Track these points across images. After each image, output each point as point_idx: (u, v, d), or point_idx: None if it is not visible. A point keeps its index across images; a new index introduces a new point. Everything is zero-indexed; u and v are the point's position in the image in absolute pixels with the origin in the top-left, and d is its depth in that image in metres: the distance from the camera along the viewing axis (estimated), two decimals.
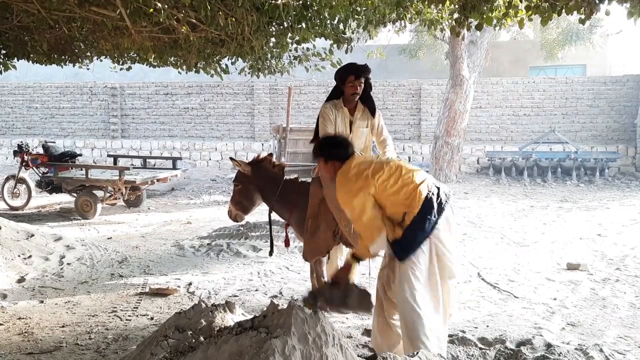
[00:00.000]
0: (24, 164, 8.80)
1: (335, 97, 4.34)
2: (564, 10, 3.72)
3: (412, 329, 3.00)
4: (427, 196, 3.12)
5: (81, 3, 4.50)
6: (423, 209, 3.08)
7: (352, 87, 4.17)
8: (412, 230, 3.08)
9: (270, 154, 4.36)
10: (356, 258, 3.26)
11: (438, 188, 3.23)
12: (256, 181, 4.17)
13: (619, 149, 13.59)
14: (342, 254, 4.51)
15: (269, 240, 4.45)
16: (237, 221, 4.42)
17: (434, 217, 3.10)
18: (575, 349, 3.41)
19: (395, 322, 3.26)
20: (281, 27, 5.50)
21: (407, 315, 3.03)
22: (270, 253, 4.29)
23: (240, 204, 4.23)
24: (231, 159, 4.17)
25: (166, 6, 4.49)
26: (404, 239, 3.09)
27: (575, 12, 3.69)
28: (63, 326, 4.09)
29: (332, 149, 3.35)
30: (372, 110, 4.40)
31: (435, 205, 3.12)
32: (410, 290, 3.02)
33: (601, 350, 3.36)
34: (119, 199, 8.82)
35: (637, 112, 14.08)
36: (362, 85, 4.20)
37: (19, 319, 4.22)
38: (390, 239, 3.15)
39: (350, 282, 3.24)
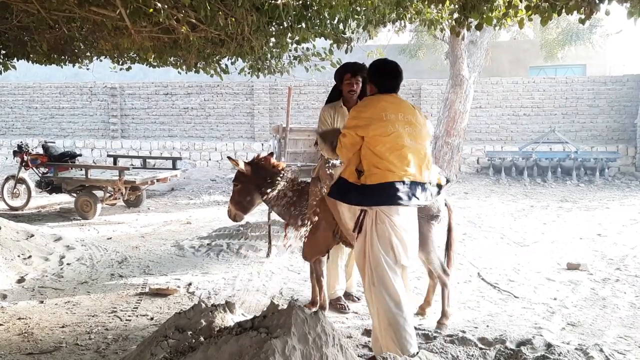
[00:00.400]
0: (23, 164, 8.80)
1: (335, 98, 4.38)
2: (563, 10, 3.72)
3: (391, 324, 3.06)
4: (394, 181, 3.10)
5: (81, 3, 4.50)
6: (381, 185, 3.10)
7: (349, 84, 4.22)
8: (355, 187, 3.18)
9: (271, 154, 4.36)
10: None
11: (427, 189, 3.22)
12: (256, 181, 4.18)
13: (619, 149, 13.59)
14: (342, 254, 4.52)
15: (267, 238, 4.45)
16: (236, 221, 4.43)
17: (387, 199, 3.10)
18: (576, 349, 3.41)
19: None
20: (281, 27, 5.50)
21: (384, 307, 3.09)
22: (268, 255, 4.30)
23: (240, 203, 4.24)
24: (229, 158, 4.17)
25: (166, 6, 4.48)
26: (344, 184, 3.23)
27: (575, 12, 3.69)
28: (63, 326, 4.09)
29: (379, 75, 3.37)
30: None
31: (402, 194, 3.09)
32: (384, 280, 3.09)
33: (601, 350, 3.36)
34: (119, 199, 8.81)
35: (637, 111, 14.09)
36: (360, 83, 4.24)
37: (19, 319, 4.22)
38: (343, 174, 3.30)
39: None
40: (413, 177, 3.14)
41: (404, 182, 3.10)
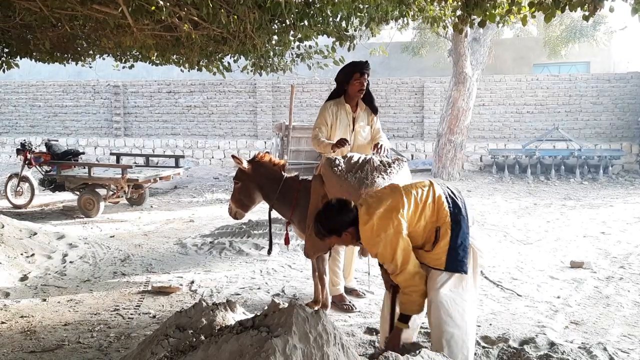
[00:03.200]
0: (27, 162, 8.81)
1: (337, 96, 4.38)
2: (567, 7, 3.69)
3: (453, 346, 2.87)
4: (446, 198, 2.96)
5: (83, 1, 4.49)
6: (452, 213, 2.91)
7: (359, 83, 4.26)
8: (455, 237, 2.89)
9: (267, 153, 4.37)
10: (404, 319, 2.95)
11: (448, 187, 3.11)
12: (256, 179, 4.18)
13: (622, 147, 13.54)
14: (344, 251, 4.52)
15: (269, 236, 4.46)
16: (237, 218, 4.44)
17: (464, 214, 2.95)
18: (579, 347, 3.40)
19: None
20: (283, 24, 5.49)
21: (448, 330, 2.87)
22: (269, 252, 4.30)
23: (241, 201, 4.25)
24: (233, 156, 4.17)
25: (168, 4, 4.48)
26: (454, 251, 2.88)
27: (579, 9, 3.65)
28: (65, 324, 4.09)
29: (335, 222, 2.92)
30: (374, 109, 4.51)
31: (458, 202, 2.99)
32: (457, 307, 2.88)
33: (605, 349, 3.34)
34: (122, 197, 8.83)
35: None
36: (367, 81, 4.27)
37: (22, 317, 4.23)
38: (433, 265, 2.92)
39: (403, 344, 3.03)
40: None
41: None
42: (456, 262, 2.89)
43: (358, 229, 2.89)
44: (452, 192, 3.07)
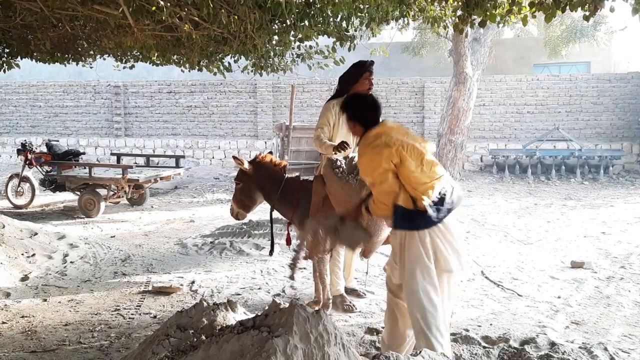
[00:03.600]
0: (27, 162, 8.82)
1: (340, 95, 4.37)
2: (568, 7, 3.69)
3: (423, 323, 2.92)
4: (441, 191, 3.02)
5: (84, 1, 4.50)
6: (436, 201, 2.98)
7: (369, 82, 4.32)
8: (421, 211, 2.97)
9: (269, 153, 4.37)
10: (367, 209, 3.20)
11: (452, 187, 3.13)
12: (257, 180, 4.18)
13: (623, 147, 13.54)
14: (344, 252, 4.51)
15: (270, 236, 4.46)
16: (238, 219, 4.44)
17: (444, 213, 2.99)
18: (580, 347, 3.40)
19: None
20: (284, 24, 5.49)
21: (417, 308, 2.95)
22: (271, 253, 4.29)
23: (242, 202, 4.25)
24: (234, 157, 4.17)
25: (168, 4, 4.48)
26: (412, 212, 2.98)
27: (579, 9, 3.66)
28: (66, 324, 4.09)
29: (360, 110, 3.20)
30: None
31: (449, 201, 3.02)
32: (421, 281, 2.95)
33: (605, 349, 3.34)
34: (122, 197, 8.83)
35: None
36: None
37: (23, 317, 4.23)
38: (400, 202, 3.03)
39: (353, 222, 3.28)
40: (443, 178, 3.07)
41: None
42: (402, 215, 3.01)
43: (365, 132, 3.15)
44: (453, 194, 3.08)
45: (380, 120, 3.22)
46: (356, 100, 3.29)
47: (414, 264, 2.98)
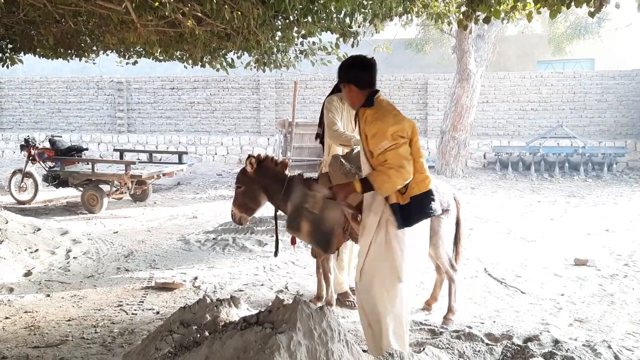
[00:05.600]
0: (30, 158, 8.83)
1: (339, 90, 4.31)
2: (572, 3, 3.67)
3: (383, 323, 2.96)
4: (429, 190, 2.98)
5: None
6: (425, 194, 2.94)
7: None
8: (418, 201, 2.90)
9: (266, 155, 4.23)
10: (364, 185, 2.92)
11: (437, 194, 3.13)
12: (260, 181, 4.09)
13: (627, 144, 13.49)
14: (346, 248, 4.50)
15: (274, 236, 4.40)
16: (241, 224, 4.23)
17: (427, 211, 2.97)
18: (583, 345, 3.38)
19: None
20: (287, 20, 5.48)
21: (374, 311, 2.97)
22: (275, 254, 4.22)
23: (245, 205, 4.08)
24: (251, 155, 4.07)
25: (172, 0, 4.47)
26: (409, 206, 2.89)
27: (584, 5, 3.64)
28: (69, 320, 4.10)
29: (354, 71, 3.00)
30: None
31: (434, 207, 2.99)
32: (391, 283, 2.94)
33: (609, 347, 3.33)
34: (125, 193, 8.83)
35: None
36: None
37: (26, 312, 4.24)
38: (392, 200, 2.91)
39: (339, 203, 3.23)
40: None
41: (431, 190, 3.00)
42: (400, 211, 2.92)
43: (364, 96, 2.97)
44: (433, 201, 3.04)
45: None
46: (348, 61, 3.11)
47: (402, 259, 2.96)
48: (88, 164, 8.55)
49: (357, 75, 3.00)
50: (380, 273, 2.97)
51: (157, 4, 4.46)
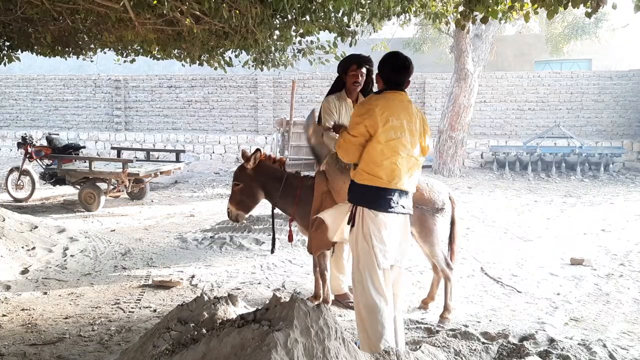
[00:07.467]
0: (28, 156, 8.82)
1: (337, 89, 4.32)
2: (570, 4, 3.68)
3: (369, 319, 3.04)
4: (381, 187, 3.06)
5: None
6: (370, 188, 3.09)
7: (354, 76, 4.16)
8: (364, 189, 3.11)
9: (258, 149, 4.22)
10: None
11: (407, 194, 3.17)
12: (258, 178, 4.11)
13: (623, 144, 13.54)
14: (347, 251, 4.51)
15: (271, 234, 4.42)
16: (238, 222, 4.26)
17: (382, 205, 3.06)
18: (579, 344, 3.41)
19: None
20: (285, 19, 5.48)
21: (364, 301, 3.08)
22: (272, 251, 4.25)
23: (242, 203, 4.11)
24: (257, 150, 4.09)
25: None
26: (355, 185, 3.15)
27: (581, 6, 3.65)
28: (66, 317, 4.10)
29: (387, 68, 3.19)
30: None
31: (392, 200, 3.07)
32: (369, 274, 3.08)
33: (604, 346, 3.35)
34: (123, 191, 8.83)
35: None
36: (364, 76, 4.20)
37: (23, 310, 4.24)
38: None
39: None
40: (400, 186, 3.09)
41: (387, 189, 3.07)
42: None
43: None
44: (399, 200, 3.12)
45: (403, 85, 3.23)
46: (387, 57, 3.26)
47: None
48: (85, 162, 8.53)
49: (385, 71, 3.22)
50: (354, 260, 3.21)
51: (155, 2, 4.46)
